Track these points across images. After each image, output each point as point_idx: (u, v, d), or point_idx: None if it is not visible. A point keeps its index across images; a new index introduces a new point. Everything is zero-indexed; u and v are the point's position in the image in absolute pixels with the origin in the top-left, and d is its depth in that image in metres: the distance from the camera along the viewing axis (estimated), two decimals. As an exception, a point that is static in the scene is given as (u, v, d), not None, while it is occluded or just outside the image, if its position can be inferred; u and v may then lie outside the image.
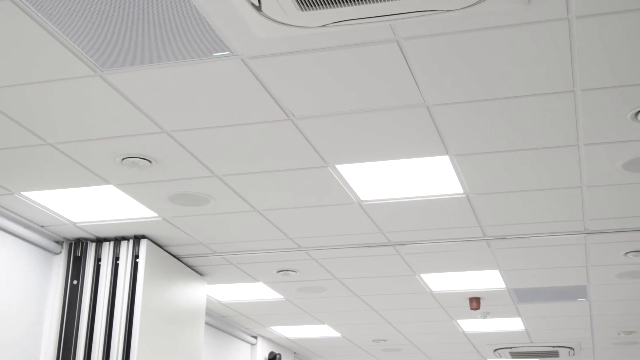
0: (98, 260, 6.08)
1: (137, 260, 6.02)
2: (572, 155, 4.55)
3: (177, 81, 3.78)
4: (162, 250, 6.28)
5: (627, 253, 6.30)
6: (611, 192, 5.05)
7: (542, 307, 8.14)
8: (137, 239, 6.06)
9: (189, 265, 6.77)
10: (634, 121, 4.12)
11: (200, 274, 7.03)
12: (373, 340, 9.80)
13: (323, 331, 9.33)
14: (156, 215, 5.59)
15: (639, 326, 8.89)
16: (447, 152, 4.54)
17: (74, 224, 5.77)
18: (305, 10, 3.12)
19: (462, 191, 5.09)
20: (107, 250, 6.08)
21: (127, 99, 3.96)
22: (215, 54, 3.54)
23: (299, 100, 3.96)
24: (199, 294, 6.91)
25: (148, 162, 4.68)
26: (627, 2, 3.15)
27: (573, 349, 10.02)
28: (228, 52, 3.53)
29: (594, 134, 4.28)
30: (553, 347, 9.97)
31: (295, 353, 10.67)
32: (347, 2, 3.06)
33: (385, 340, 9.78)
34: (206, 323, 8.33)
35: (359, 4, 3.07)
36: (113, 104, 4.01)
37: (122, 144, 4.46)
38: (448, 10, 3.13)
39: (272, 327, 9.14)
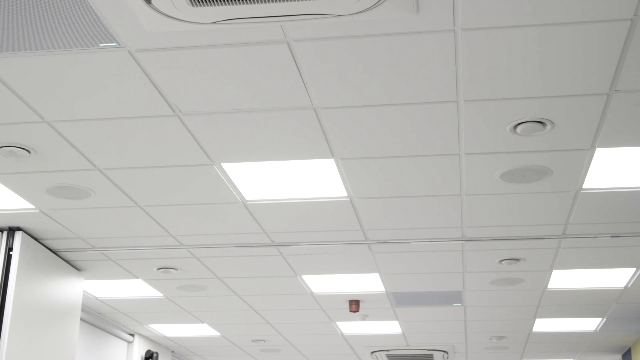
0: (-31, 251, 5.85)
1: (11, 253, 5.81)
2: (453, 164, 4.67)
3: (60, 70, 3.67)
4: (37, 243, 6.09)
5: (501, 261, 6.51)
6: (489, 201, 5.21)
7: (419, 311, 8.32)
8: (11, 231, 5.85)
9: (65, 259, 6.60)
10: (512, 133, 4.26)
11: (78, 269, 6.86)
12: (252, 341, 9.79)
13: (202, 330, 9.26)
14: (33, 207, 5.42)
15: (510, 331, 9.20)
16: (332, 156, 4.58)
17: (-55, 213, 5.53)
18: (196, 5, 3.09)
19: (345, 195, 5.14)
20: (-21, 241, 5.85)
21: (6, 86, 3.82)
22: (101, 45, 3.46)
23: (187, 96, 3.91)
24: (75, 289, 6.74)
25: (26, 152, 4.53)
26: (511, 18, 3.25)
27: (447, 353, 10.28)
28: (115, 44, 3.45)
29: (474, 144, 4.40)
30: (428, 350, 10.20)
31: (173, 352, 10.54)
32: (238, 0, 3.05)
33: (264, 341, 9.78)
34: (82, 320, 8.13)
35: (250, 3, 3.05)
36: (-9, 90, 3.86)
37: (0, 132, 4.30)
38: (339, 15, 3.16)
39: (150, 325, 9.00)
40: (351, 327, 9.07)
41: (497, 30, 3.33)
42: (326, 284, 7.25)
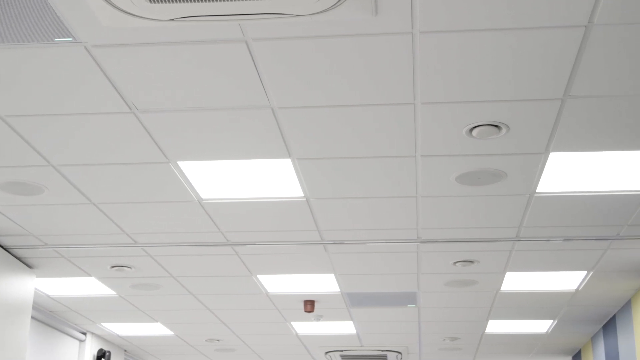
0: None
1: (-39, 249, 5.72)
2: (409, 166, 4.69)
3: (14, 64, 3.62)
4: (-11, 240, 6.00)
5: (455, 262, 6.56)
6: (444, 203, 5.25)
7: (374, 312, 8.35)
8: (-38, 227, 5.76)
9: (17, 256, 6.50)
10: (468, 136, 4.29)
11: (29, 267, 6.76)
12: (206, 340, 9.74)
13: (155, 329, 9.19)
14: (-16, 203, 5.34)
15: (463, 333, 9.28)
16: (289, 155, 4.58)
17: None
18: (154, 2, 3.06)
19: (302, 195, 5.14)
20: None
21: (-42, 79, 3.76)
22: (57, 40, 3.41)
23: (143, 93, 3.88)
24: (26, 287, 6.64)
25: (-22, 147, 4.46)
26: (468, 22, 3.28)
27: (401, 353, 10.34)
28: (71, 39, 3.41)
29: (431, 147, 4.43)
30: (382, 350, 10.24)
31: (125, 351, 10.44)
32: (197, -3, 3.03)
33: (218, 340, 9.74)
34: (33, 318, 8.01)
35: (208, 1, 3.04)
36: (-57, 83, 3.79)
37: (-49, 126, 4.23)
38: (297, 15, 3.16)
39: (102, 324, 8.91)
40: (306, 327, 9.08)
41: (454, 34, 3.36)
42: (281, 283, 7.25)
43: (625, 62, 3.57)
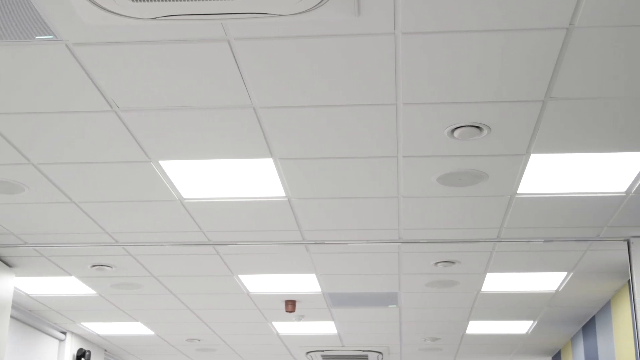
0: None
1: (-60, 247, 5.67)
2: (391, 166, 4.70)
3: (-6, 62, 3.60)
4: (-32, 238, 5.95)
5: (437, 263, 6.57)
6: (425, 203, 5.26)
7: (355, 312, 8.36)
8: (-60, 225, 5.72)
9: (-4, 255, 6.47)
10: (450, 137, 4.30)
11: (9, 265, 6.72)
12: (187, 340, 9.72)
13: (136, 329, 9.15)
14: (-37, 201, 5.30)
15: (444, 333, 9.31)
16: (271, 155, 4.58)
17: None
18: (137, 0, 3.05)
19: (284, 195, 5.14)
20: None
21: (-63, 76, 3.72)
22: (37, 37, 3.39)
23: (124, 91, 3.86)
24: (6, 286, 6.59)
25: (-43, 145, 4.42)
26: (450, 23, 3.29)
27: (382, 354, 10.35)
28: (52, 37, 3.39)
29: (412, 147, 4.44)
30: (363, 351, 10.25)
31: (105, 351, 10.40)
32: (179, -4, 3.02)
33: (199, 340, 9.72)
34: (11, 317, 7.96)
35: (191, 0, 3.04)
36: None
37: None
38: (280, 15, 3.16)
39: (82, 323, 8.86)
40: (287, 327, 9.07)
41: (436, 35, 3.36)
42: (263, 283, 7.24)
43: (606, 65, 3.59)
